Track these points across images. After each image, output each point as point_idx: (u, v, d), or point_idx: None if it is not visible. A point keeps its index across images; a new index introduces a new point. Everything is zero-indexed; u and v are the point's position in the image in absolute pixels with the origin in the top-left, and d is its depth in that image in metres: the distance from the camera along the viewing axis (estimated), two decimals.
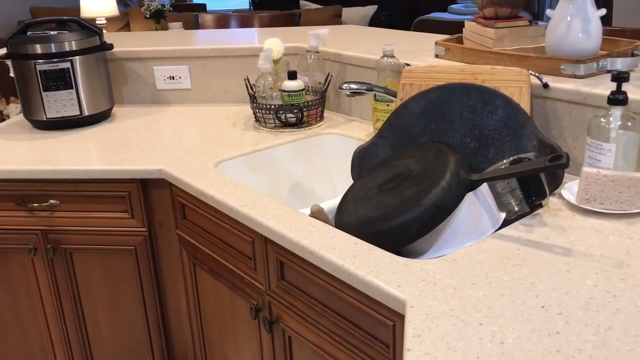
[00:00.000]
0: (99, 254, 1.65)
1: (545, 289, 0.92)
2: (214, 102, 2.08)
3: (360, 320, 1.06)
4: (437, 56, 1.64)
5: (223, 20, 2.74)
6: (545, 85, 1.33)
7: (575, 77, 1.35)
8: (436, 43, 1.64)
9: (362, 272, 0.99)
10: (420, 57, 1.67)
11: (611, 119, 1.18)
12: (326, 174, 1.75)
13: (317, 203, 1.26)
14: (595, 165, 1.20)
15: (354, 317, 1.07)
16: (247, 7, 8.10)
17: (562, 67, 1.36)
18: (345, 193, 1.28)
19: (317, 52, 1.81)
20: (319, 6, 4.93)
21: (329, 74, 1.80)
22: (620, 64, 1.34)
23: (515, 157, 1.18)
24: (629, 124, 1.17)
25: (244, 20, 2.77)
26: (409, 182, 1.17)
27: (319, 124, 1.78)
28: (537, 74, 1.34)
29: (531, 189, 1.14)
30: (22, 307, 1.75)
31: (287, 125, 1.75)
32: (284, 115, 1.72)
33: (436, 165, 1.15)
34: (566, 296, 0.90)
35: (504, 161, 1.20)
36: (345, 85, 1.48)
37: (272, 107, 1.72)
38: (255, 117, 1.81)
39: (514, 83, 1.32)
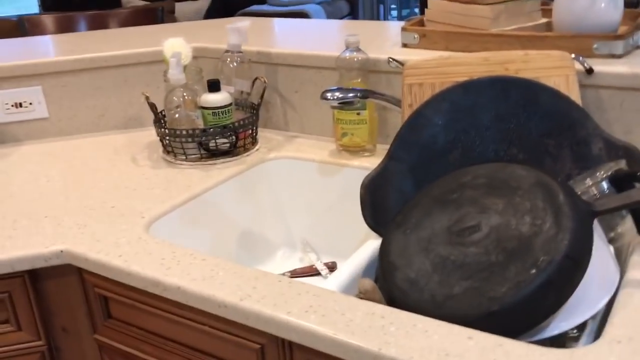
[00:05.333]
0: None
1: None
2: (85, 132, 1.51)
3: None
4: (405, 45, 1.29)
5: (67, 22, 2.09)
6: (590, 71, 1.05)
7: (613, 56, 1.09)
8: (404, 29, 1.28)
9: None
10: (382, 49, 1.30)
11: None
12: (278, 213, 1.32)
13: (367, 277, 0.84)
14: None
15: None
16: (37, 10, 7.02)
17: (595, 46, 1.09)
18: (386, 249, 0.88)
19: (240, 52, 1.35)
20: (147, 2, 4.30)
21: (256, 79, 1.36)
22: None
23: (613, 172, 0.88)
24: None
25: (96, 20, 2.17)
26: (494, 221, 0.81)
27: (256, 148, 1.34)
28: (580, 58, 1.05)
29: None
30: None
31: (216, 154, 1.28)
32: (214, 141, 1.26)
33: (530, 196, 0.81)
34: None
35: (597, 174, 0.90)
36: (329, 94, 1.06)
37: (196, 132, 1.25)
38: (165, 148, 1.31)
39: (556, 71, 1.02)
